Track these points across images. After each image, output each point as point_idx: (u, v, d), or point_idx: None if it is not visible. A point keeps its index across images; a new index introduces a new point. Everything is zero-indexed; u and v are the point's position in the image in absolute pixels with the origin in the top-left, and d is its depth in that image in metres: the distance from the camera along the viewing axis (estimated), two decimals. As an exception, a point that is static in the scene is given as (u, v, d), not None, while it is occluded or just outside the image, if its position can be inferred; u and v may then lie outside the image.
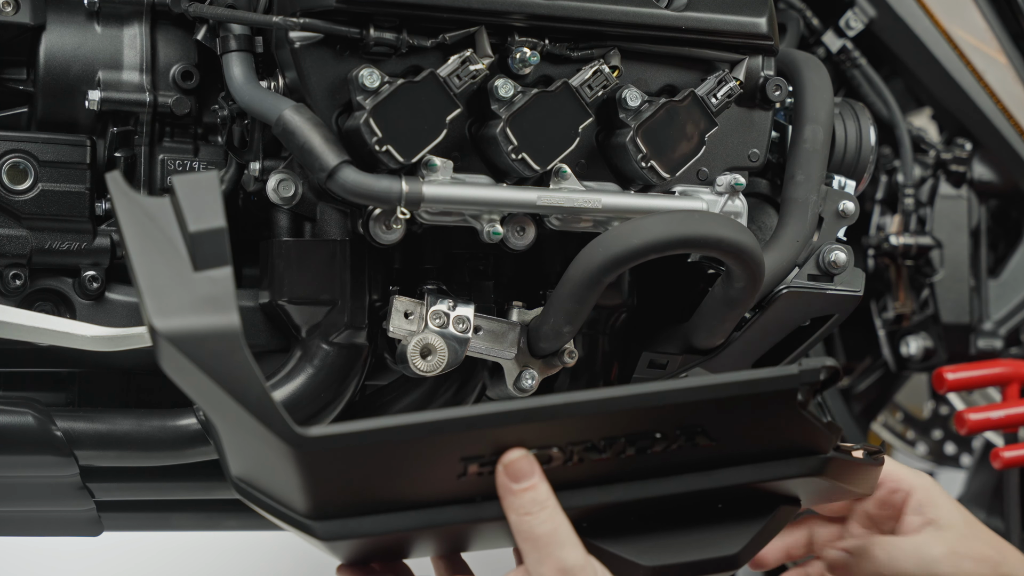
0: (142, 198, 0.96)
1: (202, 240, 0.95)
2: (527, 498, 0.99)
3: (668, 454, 1.02)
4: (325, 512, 0.96)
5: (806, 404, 1.03)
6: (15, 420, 1.24)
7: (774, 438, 1.05)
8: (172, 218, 0.96)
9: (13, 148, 1.26)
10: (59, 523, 1.36)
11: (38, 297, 1.27)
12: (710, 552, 1.06)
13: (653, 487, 1.03)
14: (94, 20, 1.30)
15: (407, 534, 0.99)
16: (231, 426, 0.96)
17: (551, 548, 0.98)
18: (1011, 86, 1.85)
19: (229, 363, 0.92)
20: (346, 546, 0.99)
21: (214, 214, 0.96)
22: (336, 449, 0.93)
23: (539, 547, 0.98)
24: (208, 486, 1.36)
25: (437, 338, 1.25)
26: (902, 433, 2.43)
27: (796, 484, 1.08)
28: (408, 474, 0.97)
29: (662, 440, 1.01)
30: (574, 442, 0.99)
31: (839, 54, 1.82)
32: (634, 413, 0.99)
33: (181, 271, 0.94)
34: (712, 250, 1.24)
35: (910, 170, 1.83)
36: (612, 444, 1.00)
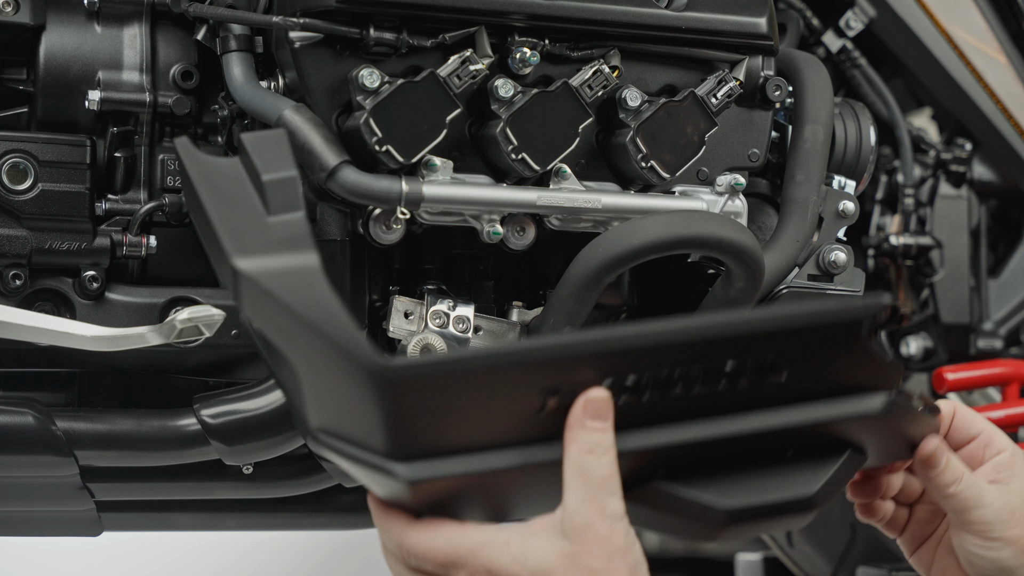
0: (212, 158, 1.00)
1: (275, 188, 0.98)
2: (595, 438, 1.00)
3: (737, 392, 1.02)
4: (408, 452, 0.96)
5: (870, 336, 1.04)
6: (15, 420, 1.24)
7: (840, 374, 1.05)
8: (243, 173, 0.99)
9: (13, 148, 1.26)
10: (59, 523, 1.36)
11: (38, 297, 1.27)
12: (786, 493, 1.06)
13: (724, 426, 1.03)
14: (94, 20, 1.30)
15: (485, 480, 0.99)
16: (313, 365, 0.96)
17: (601, 492, 1.00)
18: (1011, 86, 1.85)
19: (312, 297, 0.93)
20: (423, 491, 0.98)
21: (285, 164, 0.99)
22: (421, 379, 0.94)
23: (590, 487, 1.00)
24: (208, 486, 1.36)
25: (437, 338, 1.25)
26: (902, 433, 2.43)
27: (861, 431, 1.08)
28: (491, 409, 0.97)
29: (732, 375, 1.01)
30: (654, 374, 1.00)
31: (839, 54, 1.82)
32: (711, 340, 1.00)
33: (257, 217, 0.97)
34: (712, 250, 1.24)
35: (910, 170, 1.83)
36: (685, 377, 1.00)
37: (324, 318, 0.93)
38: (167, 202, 1.28)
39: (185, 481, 1.35)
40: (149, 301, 1.29)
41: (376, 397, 0.93)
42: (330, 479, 1.38)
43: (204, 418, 1.26)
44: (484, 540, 1.02)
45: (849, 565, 1.92)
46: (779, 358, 1.02)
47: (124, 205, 1.29)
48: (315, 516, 1.46)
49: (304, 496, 1.41)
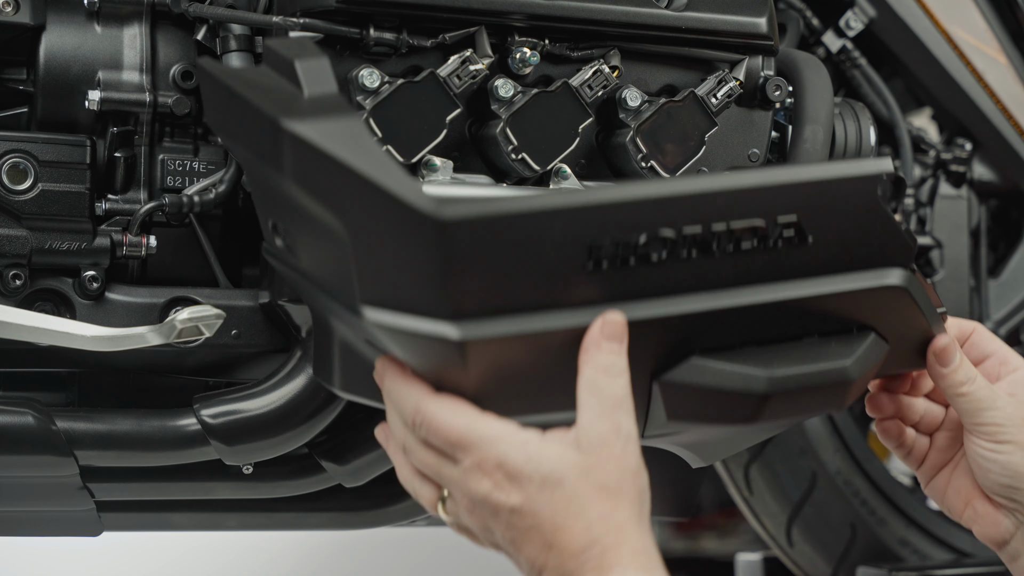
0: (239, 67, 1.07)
1: (307, 70, 1.02)
2: (611, 359, 1.02)
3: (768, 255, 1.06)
4: (460, 310, 0.96)
5: (886, 198, 1.08)
6: (15, 420, 1.24)
7: (860, 241, 1.09)
8: (272, 72, 1.04)
9: (13, 148, 1.26)
10: (59, 523, 1.36)
11: (38, 297, 1.27)
12: (823, 364, 1.09)
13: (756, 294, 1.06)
14: (94, 20, 1.30)
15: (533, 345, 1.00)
16: (366, 222, 0.97)
17: (616, 411, 1.02)
18: (1011, 86, 1.85)
19: (362, 149, 0.96)
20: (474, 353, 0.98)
21: (313, 52, 1.04)
22: (478, 223, 0.95)
23: (605, 406, 1.02)
24: (208, 486, 1.36)
25: (437, 338, 1.25)
26: (902, 433, 2.43)
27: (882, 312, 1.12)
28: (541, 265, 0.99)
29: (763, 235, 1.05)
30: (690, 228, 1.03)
31: (839, 54, 1.82)
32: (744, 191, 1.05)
33: (294, 96, 1.01)
34: None
35: (910, 170, 1.83)
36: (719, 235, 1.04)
37: (378, 168, 0.94)
38: (167, 202, 1.28)
39: (185, 481, 1.35)
40: (149, 301, 1.29)
41: (432, 245, 0.94)
42: (330, 479, 1.38)
43: (204, 418, 1.26)
44: (503, 433, 1.02)
45: (849, 565, 1.92)
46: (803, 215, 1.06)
47: (124, 205, 1.29)
48: (315, 516, 1.46)
49: (304, 496, 1.41)
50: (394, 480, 1.42)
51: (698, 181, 1.05)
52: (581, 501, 1.03)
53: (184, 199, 1.29)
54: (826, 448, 1.91)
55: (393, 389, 1.04)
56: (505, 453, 1.02)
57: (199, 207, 1.29)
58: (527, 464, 1.02)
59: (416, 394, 1.03)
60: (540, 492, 1.02)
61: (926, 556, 1.94)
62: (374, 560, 2.61)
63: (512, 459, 1.02)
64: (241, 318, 1.30)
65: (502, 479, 1.02)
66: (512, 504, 1.02)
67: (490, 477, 1.02)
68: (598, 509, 1.03)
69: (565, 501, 1.02)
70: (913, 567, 1.89)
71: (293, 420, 1.28)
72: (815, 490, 1.90)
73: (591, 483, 1.03)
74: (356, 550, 2.62)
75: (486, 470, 1.02)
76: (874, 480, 1.92)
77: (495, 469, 1.02)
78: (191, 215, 1.31)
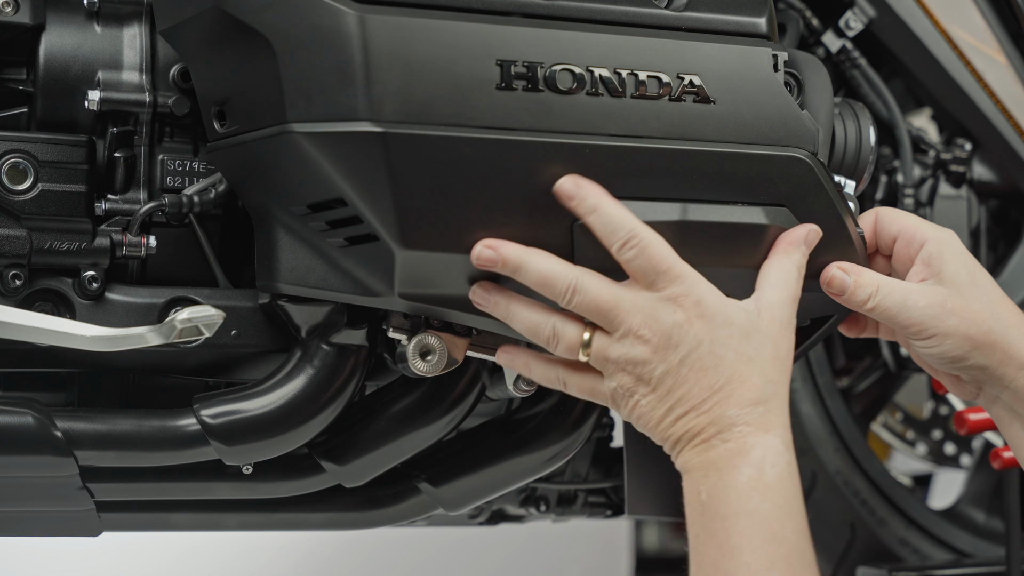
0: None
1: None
2: (804, 262, 1.19)
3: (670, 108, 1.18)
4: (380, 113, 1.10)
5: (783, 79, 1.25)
6: (15, 420, 1.24)
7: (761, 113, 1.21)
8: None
9: (13, 148, 1.25)
10: (59, 523, 1.36)
11: (38, 297, 1.27)
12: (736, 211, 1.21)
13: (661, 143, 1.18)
14: (94, 20, 1.30)
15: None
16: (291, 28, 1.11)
17: (796, 302, 1.17)
18: (1011, 86, 1.85)
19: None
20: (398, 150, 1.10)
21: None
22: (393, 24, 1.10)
23: (790, 293, 1.16)
24: (208, 486, 1.36)
25: (436, 338, 1.25)
26: (902, 433, 2.43)
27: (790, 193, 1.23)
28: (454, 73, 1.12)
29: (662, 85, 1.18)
30: None
31: (839, 54, 1.82)
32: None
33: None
34: None
35: (910, 170, 1.83)
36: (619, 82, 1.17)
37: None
38: (167, 202, 1.28)
39: (185, 481, 1.35)
40: (149, 301, 1.29)
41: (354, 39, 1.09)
42: (330, 479, 1.38)
43: (204, 418, 1.26)
44: (702, 277, 1.13)
45: (849, 565, 1.92)
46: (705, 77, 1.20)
47: (124, 205, 1.29)
48: (315, 516, 1.46)
49: (304, 496, 1.41)
50: (394, 480, 1.43)
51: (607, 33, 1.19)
52: (763, 360, 1.11)
53: (184, 199, 1.29)
54: (826, 448, 1.91)
55: (608, 209, 1.13)
56: (705, 293, 1.11)
57: (199, 207, 1.29)
58: (723, 308, 1.12)
59: (633, 219, 1.12)
60: (729, 336, 1.11)
61: (926, 556, 1.94)
62: (374, 560, 2.61)
63: (710, 299, 1.11)
64: (241, 318, 1.30)
65: (698, 316, 1.10)
66: (700, 338, 1.10)
67: (685, 310, 1.11)
68: (773, 373, 1.11)
69: (750, 353, 1.11)
70: (913, 567, 1.90)
71: (293, 420, 1.28)
72: (815, 490, 1.90)
73: (771, 349, 1.12)
74: (356, 550, 2.62)
75: (684, 304, 1.11)
76: (874, 480, 1.92)
77: (693, 304, 1.11)
78: (191, 215, 1.31)
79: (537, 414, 1.42)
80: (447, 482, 1.41)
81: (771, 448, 1.08)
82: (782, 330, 1.14)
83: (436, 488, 1.41)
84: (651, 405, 1.11)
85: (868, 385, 2.07)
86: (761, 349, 1.12)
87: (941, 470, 2.54)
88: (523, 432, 1.42)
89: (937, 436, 2.42)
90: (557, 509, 1.75)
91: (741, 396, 1.10)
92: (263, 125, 1.16)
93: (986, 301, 1.21)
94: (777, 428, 1.10)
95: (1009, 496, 1.83)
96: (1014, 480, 1.83)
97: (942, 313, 1.20)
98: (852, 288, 1.21)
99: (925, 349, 1.22)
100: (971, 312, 1.20)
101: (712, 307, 1.11)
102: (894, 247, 1.26)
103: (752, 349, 1.11)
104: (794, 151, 1.23)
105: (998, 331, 1.20)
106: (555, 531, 2.49)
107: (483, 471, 1.41)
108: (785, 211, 1.22)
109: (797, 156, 1.22)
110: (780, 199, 1.22)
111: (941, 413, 2.42)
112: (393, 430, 1.34)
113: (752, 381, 1.10)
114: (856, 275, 1.22)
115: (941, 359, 1.22)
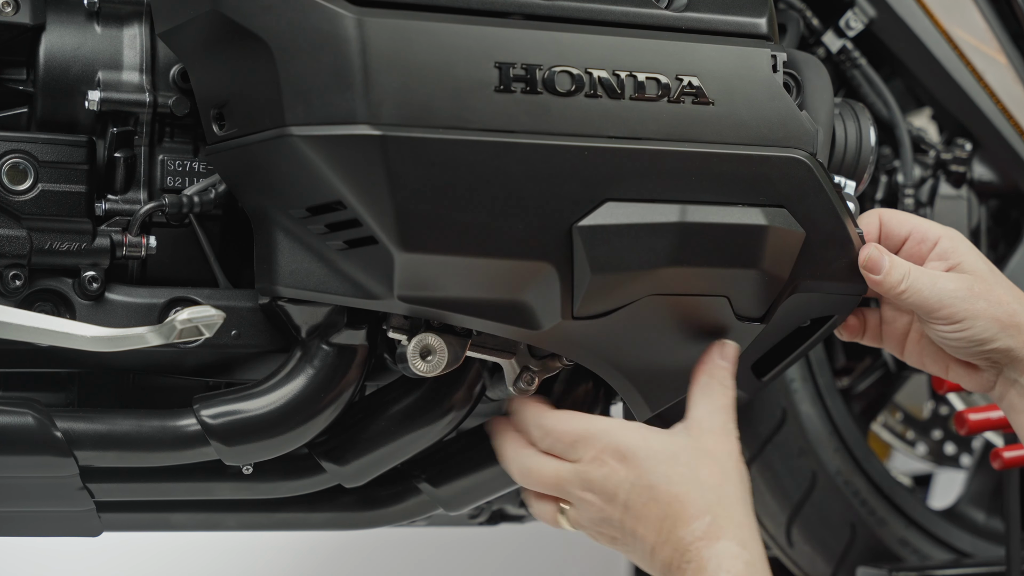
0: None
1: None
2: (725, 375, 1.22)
3: (668, 109, 1.18)
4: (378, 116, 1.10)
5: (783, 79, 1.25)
6: (15, 420, 1.23)
7: (760, 114, 1.21)
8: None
9: (13, 148, 1.25)
10: (59, 523, 1.36)
11: (38, 297, 1.27)
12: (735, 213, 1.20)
13: (660, 144, 1.18)
14: (94, 20, 1.30)
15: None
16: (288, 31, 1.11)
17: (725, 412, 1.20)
18: (1011, 86, 1.85)
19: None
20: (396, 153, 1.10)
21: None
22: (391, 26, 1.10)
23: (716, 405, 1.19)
24: (208, 486, 1.36)
25: (436, 339, 1.25)
26: (902, 433, 2.43)
27: (789, 194, 1.23)
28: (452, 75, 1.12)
29: (660, 86, 1.18)
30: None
31: (839, 54, 1.82)
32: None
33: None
34: None
35: (910, 170, 1.83)
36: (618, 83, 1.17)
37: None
38: (167, 202, 1.28)
39: (185, 481, 1.35)
40: (149, 301, 1.29)
41: (352, 41, 1.10)
42: (330, 479, 1.38)
43: (204, 418, 1.26)
44: (615, 425, 1.16)
45: (849, 565, 1.92)
46: (704, 78, 1.21)
47: (124, 205, 1.29)
48: (315, 516, 1.45)
49: (304, 496, 1.41)
50: (394, 480, 1.43)
51: (606, 35, 1.19)
52: (696, 472, 1.13)
53: (184, 199, 1.29)
54: (826, 448, 1.91)
55: (518, 411, 1.21)
56: (620, 439, 1.14)
57: (199, 207, 1.29)
58: (643, 443, 1.14)
59: (535, 412, 1.19)
60: (657, 466, 1.13)
61: (926, 556, 1.94)
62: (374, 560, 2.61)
63: (628, 441, 1.14)
64: (241, 318, 1.30)
65: (619, 461, 1.14)
66: (629, 480, 1.13)
67: (608, 463, 1.14)
68: (711, 481, 1.13)
69: (681, 471, 1.13)
70: (913, 567, 1.90)
71: (293, 420, 1.28)
72: (815, 490, 1.90)
73: (704, 459, 1.14)
74: (356, 550, 2.62)
75: (602, 457, 1.14)
76: (874, 480, 1.92)
77: (613, 454, 1.14)
78: (191, 215, 1.31)
79: None
80: (447, 482, 1.41)
81: (725, 554, 1.10)
82: (717, 437, 1.17)
83: (436, 488, 1.41)
84: (632, 551, 1.16)
85: (868, 385, 2.07)
86: (693, 464, 1.14)
87: (941, 470, 2.54)
88: None
89: (937, 436, 2.42)
90: (557, 509, 1.75)
91: (684, 515, 1.12)
92: (261, 128, 1.16)
93: (1007, 287, 1.24)
94: (729, 531, 1.11)
95: (1009, 496, 1.83)
96: (1014, 480, 1.83)
97: (970, 296, 1.22)
98: (888, 268, 1.22)
99: (954, 334, 1.23)
100: (996, 295, 1.22)
101: (631, 447, 1.14)
102: (904, 246, 1.27)
103: (683, 466, 1.14)
104: (793, 152, 1.22)
105: (1022, 313, 1.22)
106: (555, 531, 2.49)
107: (483, 471, 1.41)
108: (784, 212, 1.22)
109: (796, 157, 1.22)
110: (779, 200, 1.22)
111: (941, 413, 2.42)
112: (393, 430, 1.34)
113: (691, 496, 1.12)
114: (889, 257, 1.23)
115: (969, 342, 1.23)
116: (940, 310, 1.22)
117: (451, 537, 2.54)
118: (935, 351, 1.29)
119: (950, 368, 1.29)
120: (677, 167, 1.18)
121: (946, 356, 1.28)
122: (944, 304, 1.22)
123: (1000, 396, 1.27)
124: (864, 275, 1.25)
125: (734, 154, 1.20)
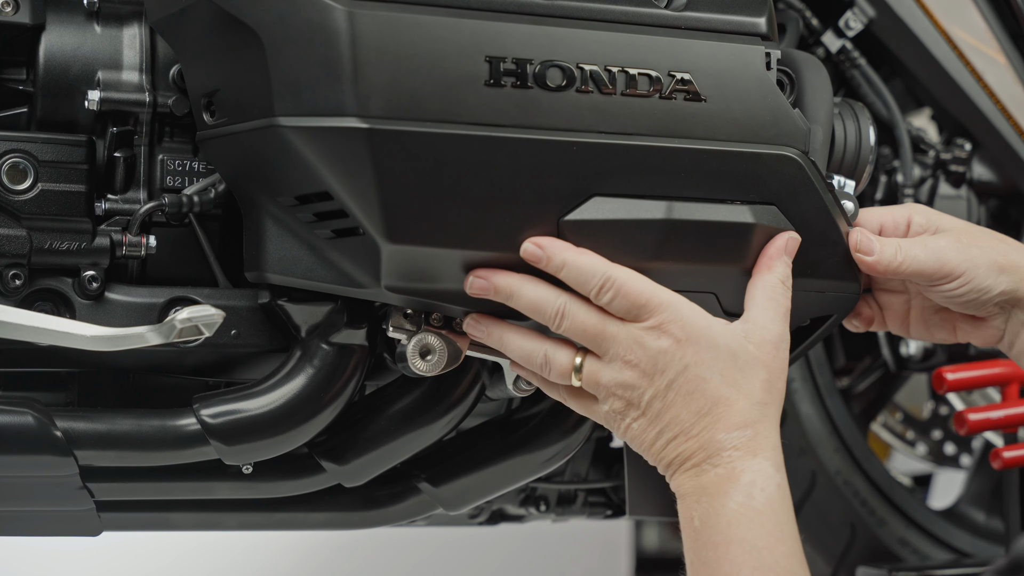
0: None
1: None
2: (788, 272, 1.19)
3: (660, 105, 1.18)
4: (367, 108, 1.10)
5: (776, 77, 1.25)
6: (15, 420, 1.24)
7: (753, 112, 1.21)
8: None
9: (13, 148, 1.26)
10: (59, 523, 1.36)
11: (38, 297, 1.27)
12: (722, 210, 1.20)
13: (650, 141, 1.17)
14: (94, 20, 1.30)
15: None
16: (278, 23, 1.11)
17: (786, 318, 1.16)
18: (1011, 86, 1.85)
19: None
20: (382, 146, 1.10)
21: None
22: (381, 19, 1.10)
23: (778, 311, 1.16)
24: (208, 486, 1.36)
25: (436, 338, 1.25)
26: (902, 433, 2.43)
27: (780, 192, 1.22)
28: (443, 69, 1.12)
29: (652, 82, 1.18)
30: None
31: (839, 54, 1.82)
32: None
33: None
34: None
35: (909, 170, 1.83)
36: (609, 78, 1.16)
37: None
38: (167, 202, 1.28)
39: (185, 481, 1.35)
40: (149, 301, 1.29)
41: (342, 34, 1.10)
42: (330, 479, 1.38)
43: (204, 418, 1.26)
44: (685, 302, 1.13)
45: (849, 565, 1.92)
46: (696, 75, 1.20)
47: (124, 205, 1.29)
48: (315, 516, 1.46)
49: (304, 496, 1.41)
50: (394, 480, 1.43)
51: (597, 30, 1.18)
52: (749, 383, 1.11)
53: (184, 199, 1.29)
54: (826, 448, 1.91)
55: (576, 262, 1.13)
56: (688, 314, 1.12)
57: (199, 207, 1.29)
58: (708, 330, 1.12)
59: (603, 264, 1.13)
60: (714, 359, 1.11)
61: (926, 556, 1.94)
62: (374, 560, 2.61)
63: (694, 322, 1.11)
64: (241, 318, 1.30)
65: (681, 340, 1.11)
66: (686, 362, 1.11)
67: (670, 336, 1.11)
68: (762, 395, 1.11)
69: (736, 375, 1.11)
70: (913, 567, 1.90)
71: (293, 420, 1.28)
72: (815, 490, 1.90)
73: (759, 370, 1.12)
74: (356, 550, 2.62)
75: (668, 329, 1.11)
76: (874, 480, 1.92)
77: (678, 329, 1.11)
78: (191, 215, 1.31)
79: (537, 414, 1.42)
80: (447, 482, 1.41)
81: (760, 472, 1.09)
82: (772, 350, 1.14)
83: (436, 488, 1.41)
84: (642, 428, 1.12)
85: (868, 385, 2.07)
86: (748, 371, 1.12)
87: (941, 470, 2.55)
88: (523, 432, 1.42)
89: (937, 436, 2.42)
90: (557, 509, 1.75)
91: (728, 420, 1.10)
92: (251, 118, 1.16)
93: (988, 233, 1.25)
94: (767, 451, 1.10)
95: (1009, 496, 1.83)
96: (1014, 480, 1.83)
97: (962, 247, 1.22)
98: (879, 247, 1.22)
99: (959, 289, 1.23)
100: (984, 242, 1.23)
101: (697, 330, 1.11)
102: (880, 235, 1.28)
103: (738, 371, 1.12)
104: (784, 150, 1.23)
105: (1014, 254, 1.23)
106: (555, 531, 2.49)
107: (483, 471, 1.41)
108: (774, 210, 1.22)
109: (787, 155, 1.22)
110: (769, 198, 1.22)
111: (941, 413, 2.42)
112: (393, 430, 1.34)
113: (739, 405, 1.11)
114: (876, 237, 1.24)
115: (977, 292, 1.22)
116: (940, 270, 1.22)
117: (451, 537, 2.54)
118: (939, 319, 1.29)
119: (957, 328, 1.29)
120: (667, 163, 1.18)
121: (951, 318, 1.29)
122: (942, 261, 1.21)
123: (1010, 345, 1.27)
124: (858, 260, 1.24)
125: (725, 151, 1.20)
